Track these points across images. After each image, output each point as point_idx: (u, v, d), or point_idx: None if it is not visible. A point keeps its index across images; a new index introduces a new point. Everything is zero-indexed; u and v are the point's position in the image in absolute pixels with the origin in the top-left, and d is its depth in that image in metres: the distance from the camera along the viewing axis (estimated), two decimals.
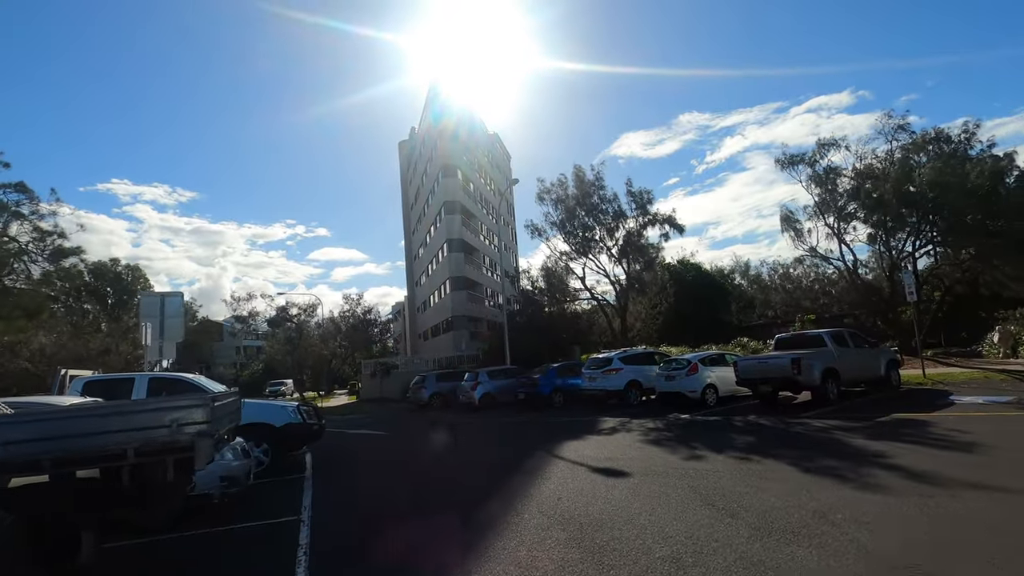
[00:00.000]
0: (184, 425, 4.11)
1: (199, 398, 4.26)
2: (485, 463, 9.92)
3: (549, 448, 10.74)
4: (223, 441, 5.08)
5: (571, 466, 8.61)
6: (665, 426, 12.90)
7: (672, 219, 27.48)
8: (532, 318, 33.81)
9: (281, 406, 9.89)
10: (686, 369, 15.93)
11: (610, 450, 9.87)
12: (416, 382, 24.66)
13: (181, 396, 5.81)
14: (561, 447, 10.69)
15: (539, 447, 11.00)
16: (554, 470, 8.38)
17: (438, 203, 43.30)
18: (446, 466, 9.98)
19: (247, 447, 7.65)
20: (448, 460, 10.64)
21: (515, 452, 10.83)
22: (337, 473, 9.70)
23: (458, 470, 9.44)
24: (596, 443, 10.91)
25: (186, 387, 9.56)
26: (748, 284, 46.41)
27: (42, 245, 24.65)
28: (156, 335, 13.44)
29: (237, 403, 5.80)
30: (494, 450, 11.64)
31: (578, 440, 11.53)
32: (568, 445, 10.85)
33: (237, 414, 5.68)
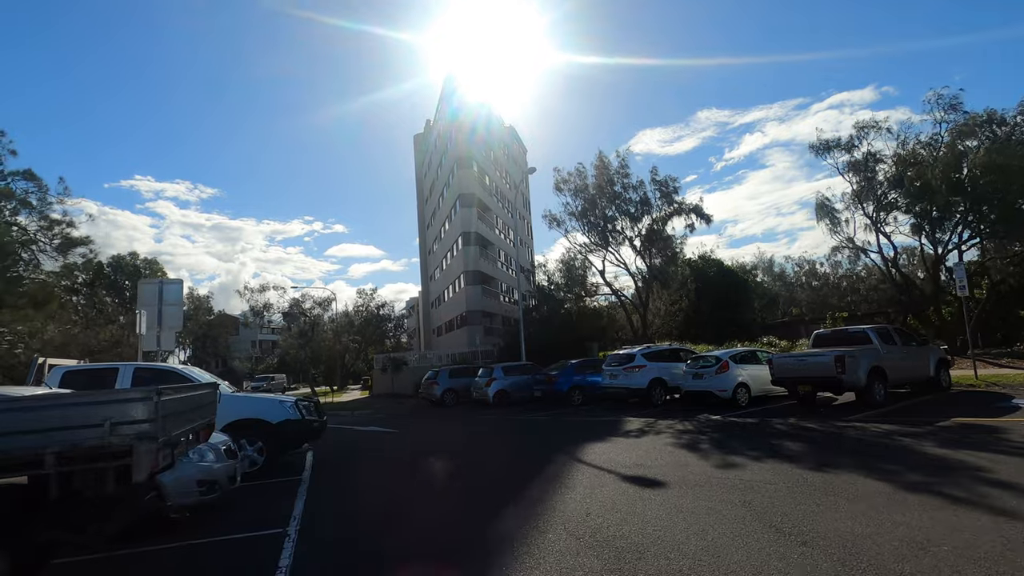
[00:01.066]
0: (120, 425, 3.22)
1: (140, 390, 3.35)
2: (501, 467, 8.99)
3: (571, 451, 9.78)
4: (184, 444, 4.18)
5: (598, 473, 7.63)
6: (696, 428, 11.87)
7: (699, 209, 26.07)
8: (548, 313, 32.81)
9: (278, 401, 9.05)
10: (716, 367, 14.83)
11: (639, 454, 8.87)
12: (428, 377, 23.80)
13: (120, 389, 4.93)
14: (584, 450, 9.72)
15: (560, 449, 10.04)
16: (579, 477, 7.40)
17: (453, 196, 42.41)
18: (458, 470, 9.05)
19: (233, 446, 6.79)
20: (461, 463, 9.72)
21: (534, 455, 9.89)
22: (338, 476, 8.83)
23: (471, 475, 8.51)
24: (623, 446, 9.91)
25: (176, 379, 8.76)
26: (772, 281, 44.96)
27: (50, 234, 24.27)
28: (154, 324, 12.71)
29: (207, 397, 4.92)
30: (511, 452, 10.70)
31: (602, 442, 10.54)
32: (592, 448, 9.88)
33: (206, 411, 4.80)
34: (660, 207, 25.78)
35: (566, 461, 8.75)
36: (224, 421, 8.55)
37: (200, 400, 4.62)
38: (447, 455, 10.59)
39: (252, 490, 7.72)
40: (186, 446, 4.40)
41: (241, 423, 8.66)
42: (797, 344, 24.61)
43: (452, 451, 11.17)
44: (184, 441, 4.23)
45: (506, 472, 8.43)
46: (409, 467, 9.51)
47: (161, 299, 12.94)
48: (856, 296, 38.57)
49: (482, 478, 8.13)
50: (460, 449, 11.37)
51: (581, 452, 9.51)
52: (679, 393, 16.52)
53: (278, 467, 9.04)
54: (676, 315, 41.48)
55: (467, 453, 10.79)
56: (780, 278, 45.30)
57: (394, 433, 14.87)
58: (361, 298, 48.77)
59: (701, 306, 41.37)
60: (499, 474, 8.33)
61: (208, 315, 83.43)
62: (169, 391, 3.56)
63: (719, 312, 39.82)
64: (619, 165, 26.24)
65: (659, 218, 25.69)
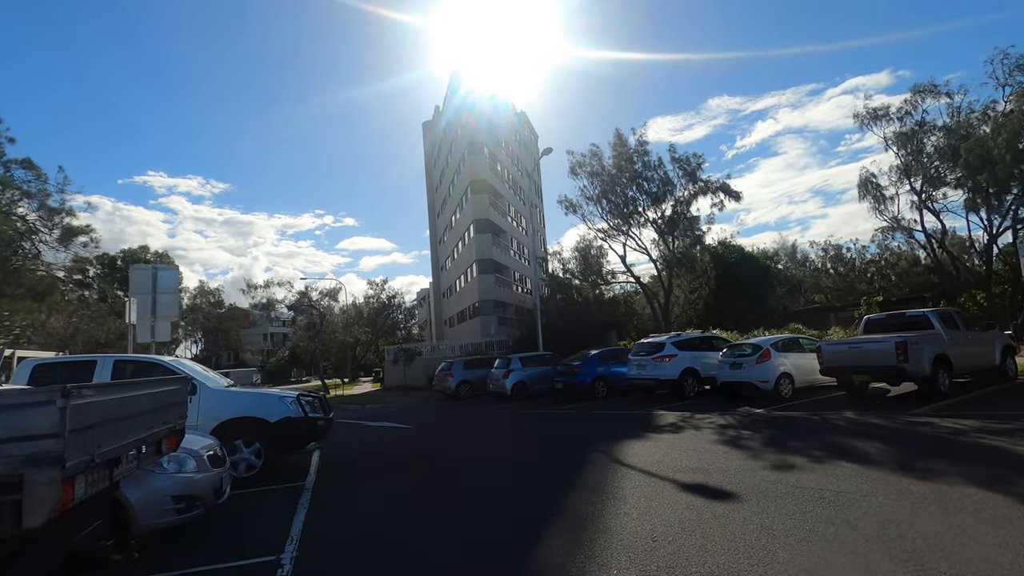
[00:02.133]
0: (7, 443, 2.13)
1: (38, 392, 2.25)
2: (533, 471, 7.88)
3: (609, 450, 8.67)
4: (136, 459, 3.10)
5: (649, 480, 6.51)
6: (740, 423, 10.70)
7: (727, 187, 24.45)
8: (564, 302, 31.65)
9: (278, 396, 7.99)
10: (756, 356, 13.61)
11: (688, 455, 7.73)
12: (442, 369, 22.75)
13: (5, 390, 3.85)
14: (623, 449, 8.60)
15: (596, 449, 8.93)
16: (628, 486, 6.28)
17: (464, 182, 41.23)
18: (483, 475, 7.96)
19: (220, 451, 5.74)
20: (484, 466, 8.63)
21: (568, 455, 8.77)
22: (346, 482, 7.77)
23: (499, 481, 7.42)
24: (666, 445, 8.77)
25: (160, 373, 7.74)
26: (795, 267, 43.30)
27: (50, 224, 23.46)
28: (147, 313, 11.73)
29: (172, 396, 3.84)
30: (540, 452, 9.59)
31: (641, 440, 9.42)
32: (631, 447, 8.75)
33: (171, 413, 3.73)
34: (684, 186, 24.31)
35: (607, 464, 7.63)
36: (216, 420, 7.55)
37: (161, 400, 3.55)
38: (468, 456, 9.50)
39: (246, 500, 6.68)
40: (142, 461, 3.31)
41: (236, 422, 7.64)
42: (827, 332, 23.26)
43: (473, 451, 10.09)
44: (136, 456, 3.14)
45: (540, 478, 7.32)
46: (427, 471, 8.44)
47: (155, 287, 11.96)
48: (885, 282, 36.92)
49: (513, 485, 7.03)
50: (482, 449, 10.29)
51: (621, 452, 8.39)
52: (709, 384, 15.36)
53: (279, 471, 8.02)
54: (696, 303, 40.14)
55: (490, 453, 9.71)
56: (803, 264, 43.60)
57: (407, 430, 13.83)
58: (372, 289, 47.82)
59: (721, 294, 40.04)
60: (532, 480, 7.23)
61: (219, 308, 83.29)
62: (91, 390, 2.47)
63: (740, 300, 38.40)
64: (637, 143, 24.79)
65: (683, 198, 24.17)
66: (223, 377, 8.90)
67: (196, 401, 7.57)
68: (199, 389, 7.63)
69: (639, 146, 24.42)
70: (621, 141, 24.66)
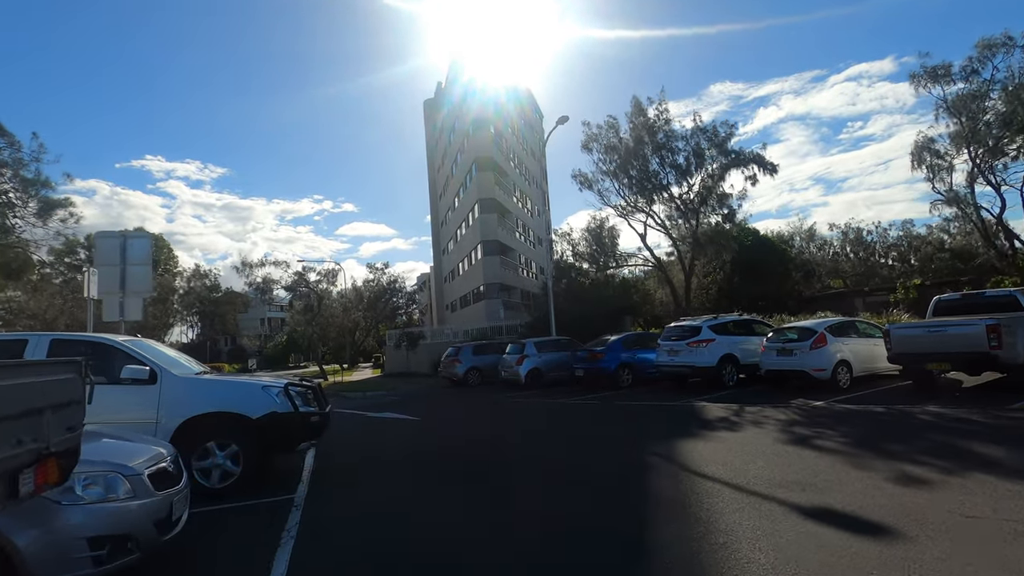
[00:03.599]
0: None
1: None
2: (585, 479, 6.30)
3: (667, 452, 7.12)
4: None
5: (746, 499, 4.94)
6: (805, 419, 9.18)
7: (761, 159, 22.47)
8: (575, 285, 30.05)
9: (261, 386, 6.39)
10: (810, 341, 12.04)
11: (773, 462, 6.18)
12: (449, 355, 21.17)
13: None
14: (684, 452, 7.04)
15: (649, 450, 7.39)
16: (721, 507, 4.72)
17: (469, 160, 39.38)
18: (522, 483, 6.39)
19: (173, 466, 4.14)
20: (520, 471, 7.06)
21: (619, 459, 7.20)
22: (349, 494, 6.21)
23: (547, 495, 5.85)
24: (735, 447, 7.21)
25: (110, 355, 6.14)
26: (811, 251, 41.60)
27: (25, 196, 21.71)
28: (115, 286, 10.11)
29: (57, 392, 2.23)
30: (578, 452, 8.02)
31: (699, 439, 7.87)
32: (692, 449, 7.20)
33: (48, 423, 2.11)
34: (715, 157, 22.42)
35: (675, 472, 6.07)
36: (181, 417, 5.98)
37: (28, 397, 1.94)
38: (495, 457, 7.92)
39: (214, 524, 5.12)
40: None
41: (207, 419, 6.06)
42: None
43: (499, 451, 8.51)
44: None
45: (598, 492, 5.75)
46: (441, 476, 6.86)
47: (124, 257, 10.32)
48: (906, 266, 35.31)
49: (566, 502, 5.46)
50: (509, 447, 8.71)
51: (683, 455, 6.83)
52: (744, 372, 13.84)
53: (262, 478, 6.45)
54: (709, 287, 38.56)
55: (521, 453, 8.11)
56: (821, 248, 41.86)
57: (414, 422, 12.26)
58: (372, 273, 46.10)
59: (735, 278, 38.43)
60: (589, 495, 5.65)
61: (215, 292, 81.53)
62: None
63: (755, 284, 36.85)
64: (657, 112, 22.91)
65: (715, 170, 22.30)
66: (194, 362, 7.30)
67: (156, 392, 6.00)
68: (160, 377, 6.04)
69: (660, 114, 22.48)
70: (639, 111, 22.67)
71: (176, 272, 73.04)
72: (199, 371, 6.88)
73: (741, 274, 36.90)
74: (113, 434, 4.61)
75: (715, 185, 22.37)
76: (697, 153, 22.33)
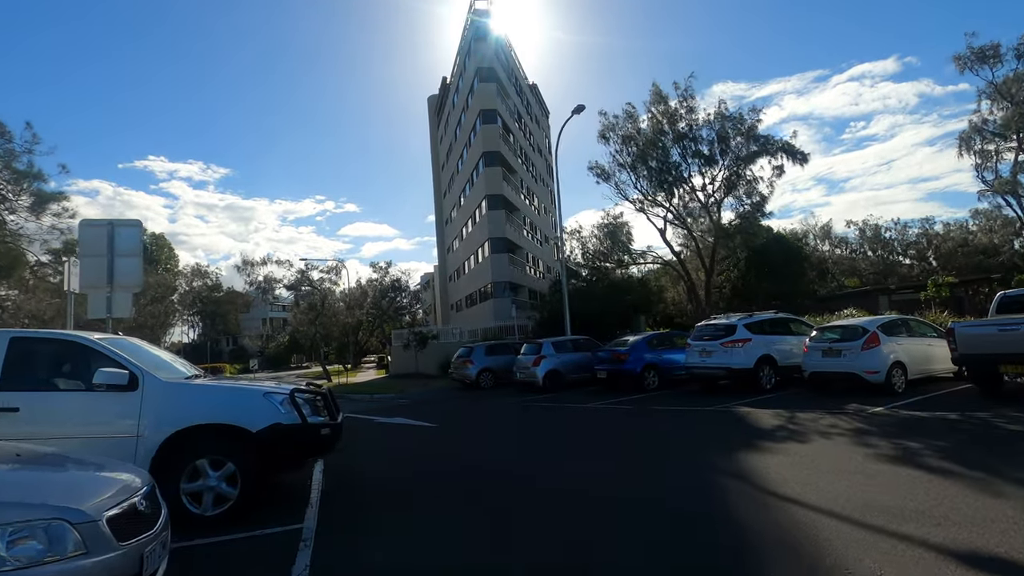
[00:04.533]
0: None
1: None
2: (643, 500, 5.30)
3: (730, 468, 6.12)
4: None
5: (861, 533, 3.93)
6: (876, 427, 8.18)
7: (790, 147, 21.24)
8: (586, 283, 29.06)
9: (262, 393, 5.40)
10: (861, 341, 11.03)
11: (875, 484, 5.18)
12: (461, 355, 20.16)
13: None
14: (750, 467, 6.04)
15: (708, 465, 6.38)
16: (831, 545, 3.71)
17: (476, 154, 38.37)
18: (570, 506, 5.38)
19: (144, 502, 3.14)
20: (565, 490, 6.06)
21: (677, 475, 6.17)
22: (364, 521, 5.21)
23: (602, 517, 4.85)
24: (812, 463, 6.20)
25: (82, 355, 5.18)
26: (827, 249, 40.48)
27: (16, 189, 20.75)
28: (101, 280, 9.14)
29: None
30: (635, 468, 6.98)
31: (763, 453, 6.86)
32: (759, 463, 6.20)
33: None
34: (742, 145, 21.33)
35: (754, 497, 5.05)
36: (168, 429, 5.00)
37: None
38: (529, 475, 6.90)
39: (205, 564, 4.13)
40: None
41: (198, 432, 5.08)
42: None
43: (532, 465, 7.49)
44: None
45: (666, 519, 4.74)
46: (469, 498, 5.85)
47: (112, 247, 9.33)
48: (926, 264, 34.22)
49: (631, 534, 4.45)
50: (543, 462, 7.67)
51: (751, 473, 5.83)
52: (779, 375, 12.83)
53: (264, 500, 5.46)
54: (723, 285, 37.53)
55: (566, 471, 7.08)
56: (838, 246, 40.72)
57: (431, 429, 11.25)
58: (376, 272, 45.15)
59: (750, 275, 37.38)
60: (655, 523, 4.64)
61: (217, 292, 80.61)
62: None
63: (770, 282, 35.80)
64: (680, 99, 21.78)
65: (742, 157, 21.08)
66: (186, 364, 6.32)
67: (137, 400, 5.01)
68: (142, 382, 5.05)
69: (683, 101, 21.35)
70: (660, 98, 21.59)
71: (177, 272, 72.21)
72: (190, 375, 5.89)
73: (755, 272, 35.90)
74: (75, 457, 3.64)
75: (741, 174, 21.23)
76: (722, 140, 21.18)
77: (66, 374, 5.24)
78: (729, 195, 21.95)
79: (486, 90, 37.47)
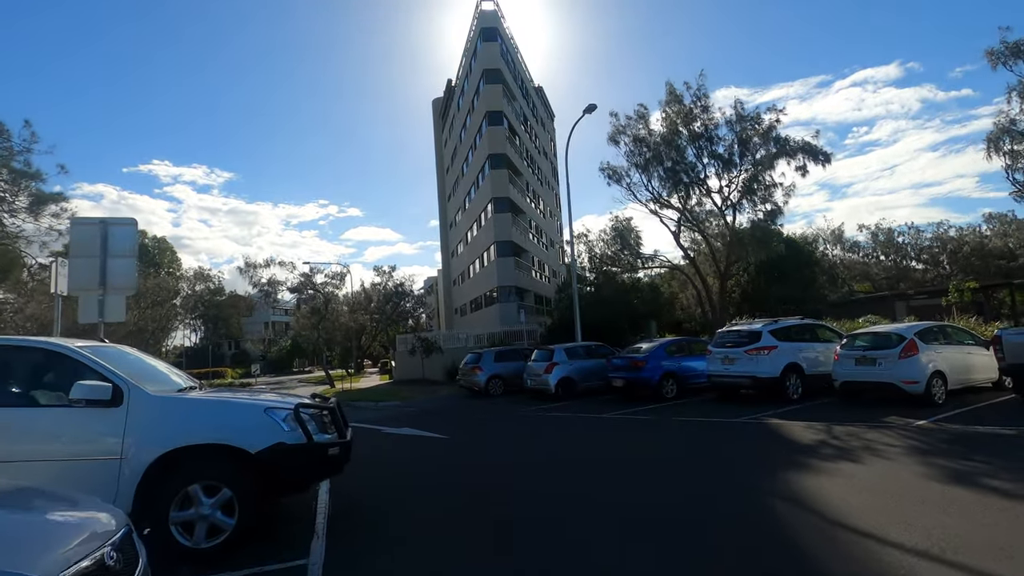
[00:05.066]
0: None
1: None
2: (695, 527, 4.67)
3: (782, 491, 5.48)
4: None
5: None
6: (929, 443, 7.57)
7: (811, 147, 20.52)
8: (597, 287, 28.44)
9: (263, 408, 4.79)
10: (898, 348, 10.40)
11: (968, 516, 4.55)
12: (468, 362, 19.51)
13: None
14: (804, 491, 5.42)
15: (756, 486, 5.73)
16: None
17: (482, 157, 37.84)
18: (610, 535, 4.76)
19: (121, 550, 2.54)
20: (600, 514, 5.43)
21: (725, 499, 5.52)
22: (379, 555, 4.59)
23: (652, 550, 4.23)
24: (874, 486, 5.58)
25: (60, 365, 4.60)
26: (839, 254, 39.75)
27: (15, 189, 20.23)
28: (93, 282, 8.57)
29: None
30: (675, 489, 6.35)
31: (813, 473, 6.23)
32: (812, 486, 5.57)
33: None
34: (760, 146, 20.63)
35: (822, 530, 4.42)
36: (157, 450, 4.42)
37: None
38: (557, 495, 6.25)
39: None
40: None
41: (191, 454, 4.48)
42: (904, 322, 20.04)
43: (560, 484, 6.84)
44: None
45: (732, 552, 4.11)
46: (499, 527, 5.23)
47: (105, 247, 8.76)
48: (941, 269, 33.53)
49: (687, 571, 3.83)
50: (572, 480, 7.03)
51: (808, 498, 5.20)
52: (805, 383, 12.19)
53: (263, 529, 4.86)
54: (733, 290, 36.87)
55: (589, 489, 6.46)
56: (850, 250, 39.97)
57: (442, 441, 10.62)
58: (379, 276, 44.57)
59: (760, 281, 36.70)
60: (720, 554, 4.02)
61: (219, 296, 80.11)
62: None
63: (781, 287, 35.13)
64: (694, 98, 21.08)
65: (762, 158, 20.37)
66: (181, 375, 5.73)
67: (121, 417, 4.41)
68: (127, 396, 4.46)
69: (697, 100, 20.64)
70: (675, 98, 20.95)
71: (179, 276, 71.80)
72: (184, 386, 5.28)
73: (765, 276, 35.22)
74: (36, 490, 3.06)
75: (760, 176, 20.55)
76: (741, 141, 20.49)
77: (40, 387, 4.64)
78: (746, 198, 21.29)
79: (492, 91, 36.97)
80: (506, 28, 42.85)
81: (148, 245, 79.00)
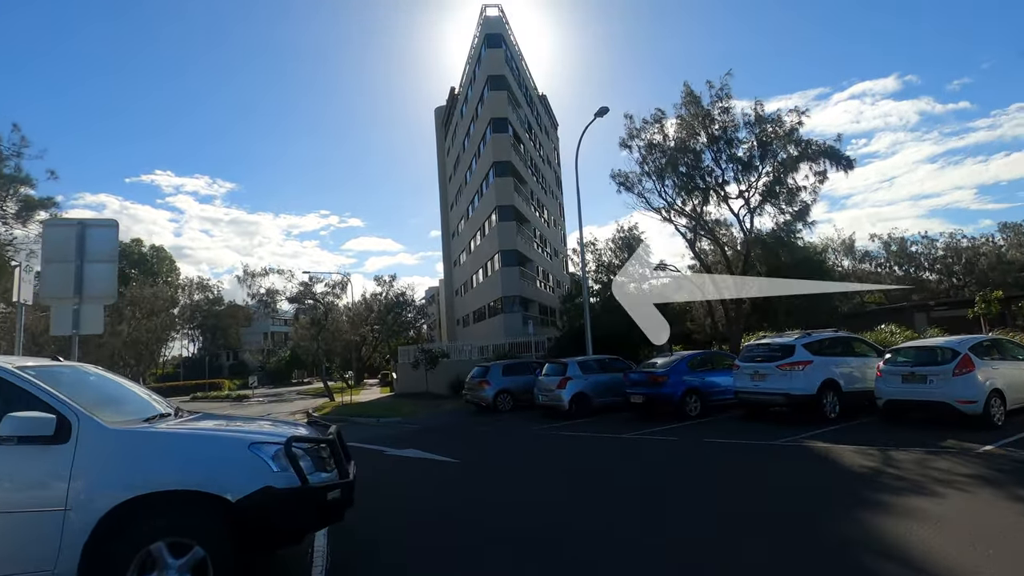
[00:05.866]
0: None
1: None
2: None
3: (862, 539, 4.56)
4: None
5: None
6: (1004, 472, 6.67)
7: (835, 151, 19.59)
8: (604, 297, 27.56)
9: (245, 444, 3.91)
10: (952, 364, 9.51)
11: None
12: (475, 375, 18.57)
13: None
14: (889, 539, 4.51)
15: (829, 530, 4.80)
16: None
17: (486, 164, 37.13)
18: None
19: None
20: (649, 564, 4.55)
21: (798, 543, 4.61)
22: None
23: None
24: (973, 532, 4.68)
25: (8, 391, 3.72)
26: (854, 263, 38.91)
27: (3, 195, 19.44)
28: (67, 289, 7.71)
29: None
30: (731, 529, 5.47)
31: (889, 513, 5.31)
32: (896, 532, 4.67)
33: None
34: (780, 149, 19.75)
35: None
36: (109, 502, 3.51)
37: None
38: (594, 538, 5.35)
39: None
40: None
41: (155, 503, 3.58)
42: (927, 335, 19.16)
43: (595, 522, 5.93)
44: None
45: None
46: None
47: (82, 252, 7.93)
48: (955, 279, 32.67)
49: None
50: (609, 519, 6.12)
51: (897, 548, 4.29)
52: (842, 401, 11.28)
53: None
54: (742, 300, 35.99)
55: (633, 533, 5.54)
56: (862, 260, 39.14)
57: (453, 466, 9.67)
58: (380, 286, 43.73)
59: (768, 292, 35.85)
60: None
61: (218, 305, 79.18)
62: None
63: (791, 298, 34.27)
64: (714, 98, 20.23)
65: (785, 161, 19.48)
66: (155, 399, 4.85)
67: (68, 457, 3.52)
68: (75, 430, 3.57)
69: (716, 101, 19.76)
70: (693, 99, 20.16)
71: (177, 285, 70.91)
72: (152, 415, 4.37)
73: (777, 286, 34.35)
74: None
75: (782, 181, 19.70)
76: (761, 143, 19.66)
77: None
78: (768, 201, 20.47)
79: (497, 98, 36.35)
80: (511, 35, 42.35)
81: (146, 254, 78.39)
